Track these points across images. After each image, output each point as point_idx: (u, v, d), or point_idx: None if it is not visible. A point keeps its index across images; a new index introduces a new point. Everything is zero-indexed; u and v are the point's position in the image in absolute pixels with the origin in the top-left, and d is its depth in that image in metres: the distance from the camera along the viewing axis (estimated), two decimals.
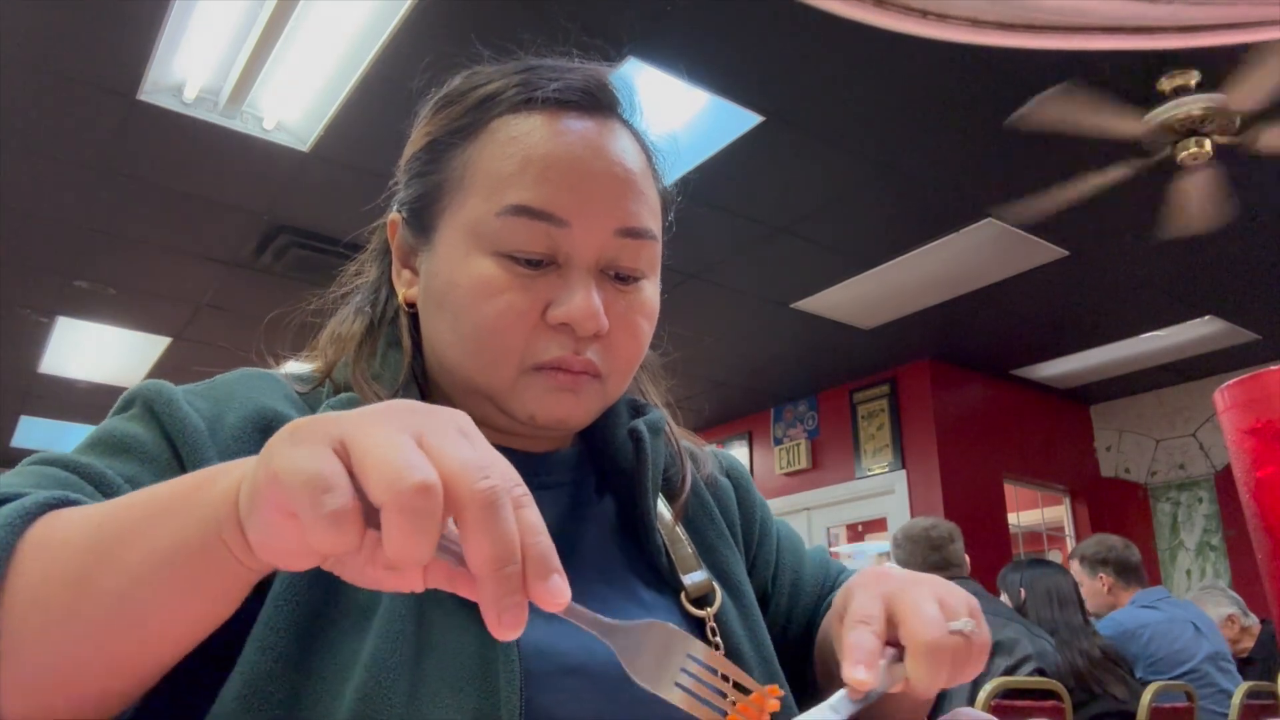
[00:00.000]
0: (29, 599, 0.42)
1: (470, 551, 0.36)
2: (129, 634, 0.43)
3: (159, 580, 0.41)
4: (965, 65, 2.96)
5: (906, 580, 0.56)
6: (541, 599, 0.37)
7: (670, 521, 0.72)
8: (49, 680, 0.43)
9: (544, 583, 0.37)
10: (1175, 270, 4.42)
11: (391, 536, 0.35)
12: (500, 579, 0.36)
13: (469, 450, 0.38)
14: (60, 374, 5.61)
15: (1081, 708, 2.70)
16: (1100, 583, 3.43)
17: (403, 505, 0.34)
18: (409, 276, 0.70)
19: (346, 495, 0.35)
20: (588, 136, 0.65)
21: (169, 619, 0.43)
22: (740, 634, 0.69)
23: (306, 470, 0.35)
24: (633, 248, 0.65)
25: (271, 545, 0.38)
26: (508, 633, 0.36)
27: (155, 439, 0.58)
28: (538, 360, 0.62)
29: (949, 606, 0.54)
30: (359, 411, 0.39)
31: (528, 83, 0.66)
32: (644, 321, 0.67)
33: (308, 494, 0.35)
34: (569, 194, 0.62)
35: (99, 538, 0.43)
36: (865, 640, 0.52)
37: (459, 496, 0.36)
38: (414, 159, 0.70)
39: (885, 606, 0.54)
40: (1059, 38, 0.44)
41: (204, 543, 0.40)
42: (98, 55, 2.87)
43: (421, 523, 0.35)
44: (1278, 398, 0.61)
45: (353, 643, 0.54)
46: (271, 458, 0.37)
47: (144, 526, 0.42)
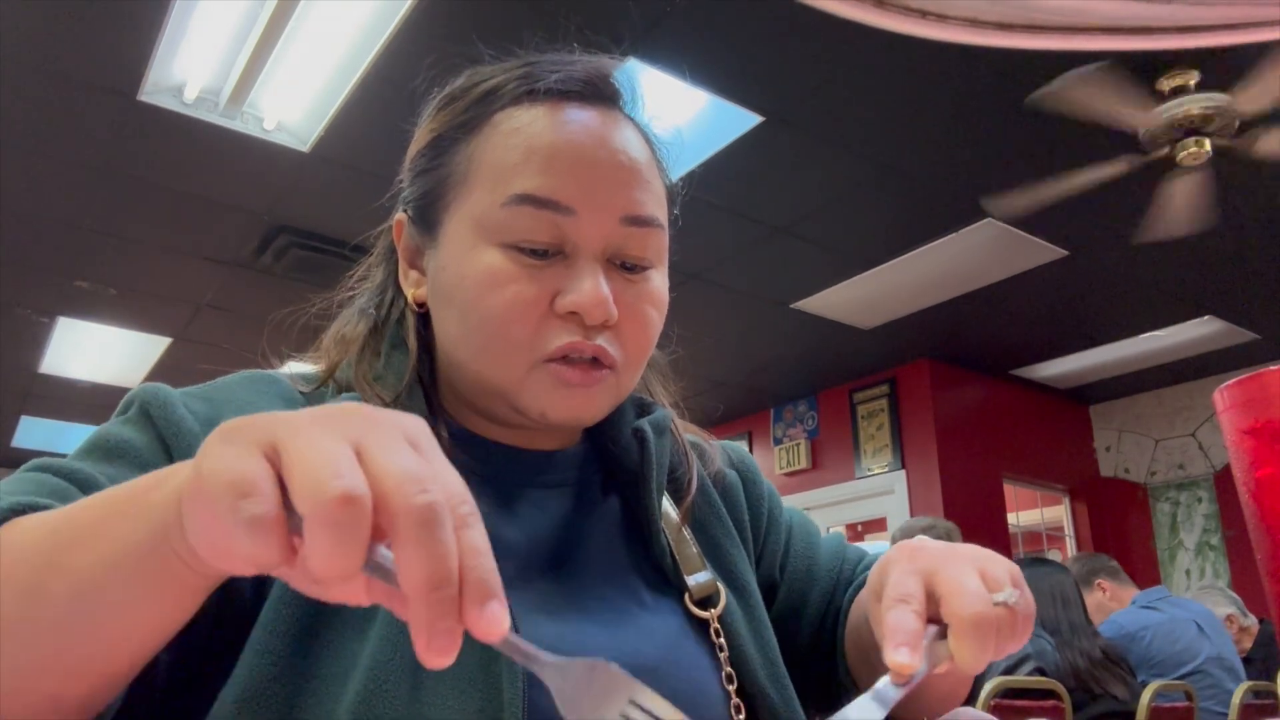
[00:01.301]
0: None
1: (402, 570, 0.33)
2: (82, 640, 0.41)
3: (108, 585, 0.40)
4: (965, 65, 2.97)
5: (944, 553, 0.53)
6: (476, 628, 0.34)
7: (676, 522, 0.71)
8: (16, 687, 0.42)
9: (479, 609, 0.34)
10: (1175, 270, 4.42)
11: (312, 549, 0.33)
12: (432, 602, 0.33)
13: (411, 460, 0.35)
14: (60, 374, 5.61)
15: (1081, 708, 2.70)
16: (1100, 590, 3.46)
17: (324, 517, 0.32)
18: (416, 277, 0.70)
19: (269, 502, 0.33)
20: (591, 126, 0.65)
21: (122, 624, 0.42)
22: (745, 635, 0.68)
23: (230, 473, 0.34)
24: (639, 236, 0.65)
25: (208, 549, 0.36)
26: (436, 660, 0.33)
27: (149, 442, 0.58)
28: (547, 350, 0.62)
29: (991, 577, 0.51)
30: (303, 413, 0.37)
31: (529, 75, 0.66)
32: (653, 311, 0.66)
33: (227, 498, 0.33)
34: (574, 182, 0.62)
35: (53, 543, 0.42)
36: (906, 620, 0.49)
37: (392, 510, 0.33)
38: (418, 157, 0.70)
39: (924, 582, 0.51)
40: (1059, 38, 0.44)
41: (151, 547, 0.39)
42: (98, 55, 2.87)
43: (344, 535, 0.32)
44: (1277, 398, 0.61)
45: (353, 644, 0.54)
46: (202, 458, 0.35)
47: (95, 531, 0.41)
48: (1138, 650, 3.11)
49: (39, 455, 2.10)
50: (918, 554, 0.53)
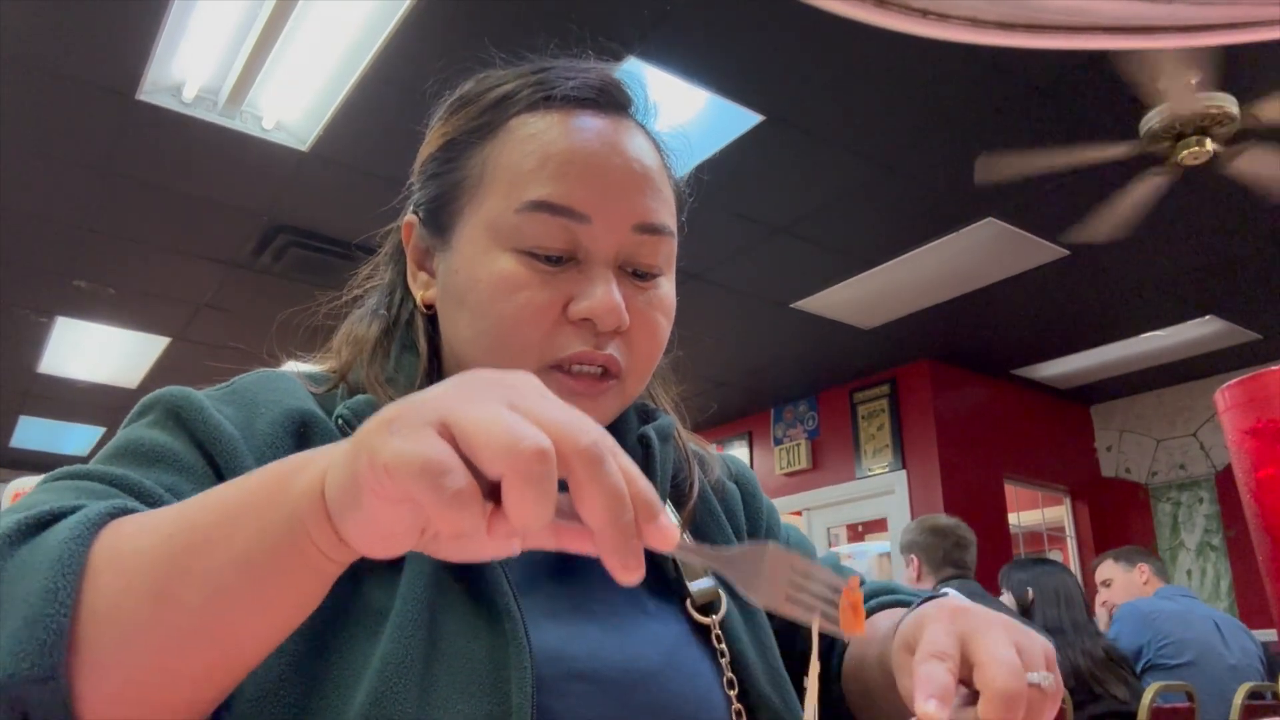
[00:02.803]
0: (107, 613, 0.42)
1: (586, 506, 0.37)
2: (214, 643, 0.42)
3: (241, 587, 0.41)
4: (966, 65, 2.96)
5: (983, 619, 0.53)
6: (653, 540, 0.38)
7: (678, 528, 0.71)
8: (134, 693, 0.42)
9: (654, 524, 0.38)
10: (1175, 270, 4.42)
11: (515, 504, 0.35)
12: (618, 528, 0.37)
13: (561, 410, 0.38)
14: (60, 374, 5.61)
15: (1082, 707, 2.70)
16: (1139, 573, 3.53)
17: (523, 472, 0.35)
18: (426, 279, 0.70)
19: (464, 475, 0.36)
20: (604, 134, 0.65)
21: (253, 623, 0.43)
22: (746, 641, 0.68)
23: (419, 457, 0.35)
24: (651, 244, 0.65)
25: (376, 535, 0.38)
26: (631, 576, 0.38)
27: (186, 448, 0.57)
28: (558, 356, 0.62)
29: (1027, 652, 0.51)
30: (443, 390, 0.39)
31: (544, 82, 0.67)
32: (662, 318, 0.67)
33: (427, 480, 0.35)
34: (588, 190, 0.63)
35: (172, 548, 0.42)
36: (940, 675, 0.49)
37: (567, 454, 0.37)
38: (430, 160, 0.70)
39: (961, 644, 0.51)
40: (1059, 38, 0.44)
41: (288, 544, 0.40)
42: (97, 55, 2.87)
43: (543, 486, 0.35)
44: (1278, 398, 0.61)
45: (365, 646, 0.54)
46: (375, 451, 0.36)
47: (219, 533, 0.42)
48: (1149, 631, 3.12)
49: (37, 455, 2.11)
50: (958, 616, 0.53)
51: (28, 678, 0.39)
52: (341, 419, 0.63)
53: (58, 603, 0.40)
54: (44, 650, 0.40)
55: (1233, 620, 3.32)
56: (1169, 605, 3.22)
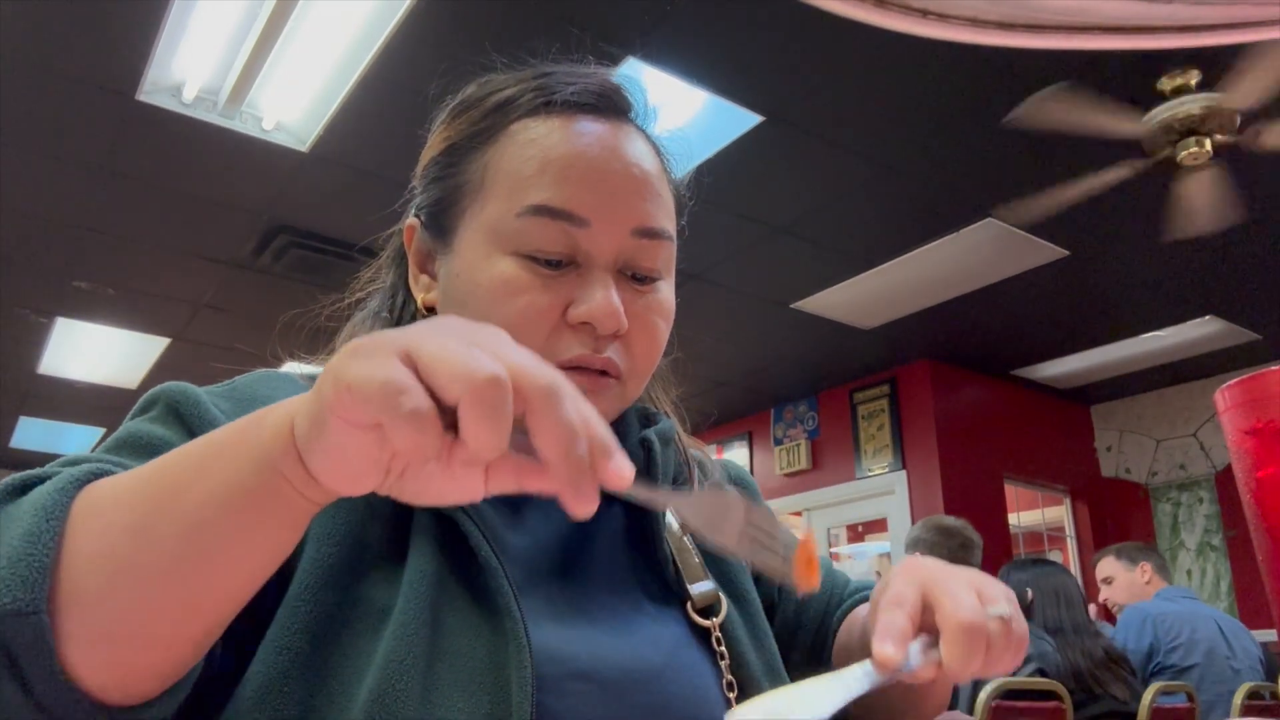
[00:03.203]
0: (90, 555, 0.43)
1: (541, 438, 0.38)
2: (193, 578, 0.44)
3: (218, 522, 0.42)
4: (965, 65, 2.96)
5: (944, 569, 0.56)
6: (607, 478, 0.40)
7: (677, 531, 0.72)
8: (118, 631, 0.44)
9: (609, 462, 0.40)
10: (1175, 270, 4.42)
11: (470, 427, 0.37)
12: (572, 460, 0.38)
13: (524, 355, 0.40)
14: (59, 374, 5.61)
15: (1082, 708, 2.70)
16: (1141, 572, 3.50)
17: (477, 397, 0.36)
18: (427, 281, 0.70)
19: (422, 395, 0.37)
20: (604, 139, 0.66)
21: (231, 560, 0.44)
22: (746, 643, 0.69)
23: (380, 377, 0.37)
24: (650, 248, 0.66)
25: (338, 465, 0.39)
26: (584, 509, 0.39)
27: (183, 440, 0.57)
28: (558, 359, 0.63)
29: (986, 593, 0.54)
30: (411, 327, 0.40)
31: (544, 87, 0.67)
32: (662, 322, 0.67)
33: (385, 398, 0.36)
34: (588, 194, 0.63)
35: (150, 492, 0.44)
36: (896, 619, 0.52)
37: (524, 389, 0.38)
38: (432, 164, 0.70)
39: (921, 592, 0.54)
40: (1059, 37, 0.44)
41: (259, 480, 0.42)
42: (97, 55, 2.87)
43: (498, 411, 0.37)
44: (1278, 398, 0.61)
45: (368, 644, 0.55)
46: (340, 374, 0.38)
47: (196, 474, 0.43)
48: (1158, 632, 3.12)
49: (38, 455, 2.12)
50: (918, 568, 0.56)
51: (9, 610, 0.41)
52: None
53: (40, 543, 0.42)
54: (26, 585, 0.41)
55: (1234, 621, 3.31)
56: (1173, 607, 3.21)
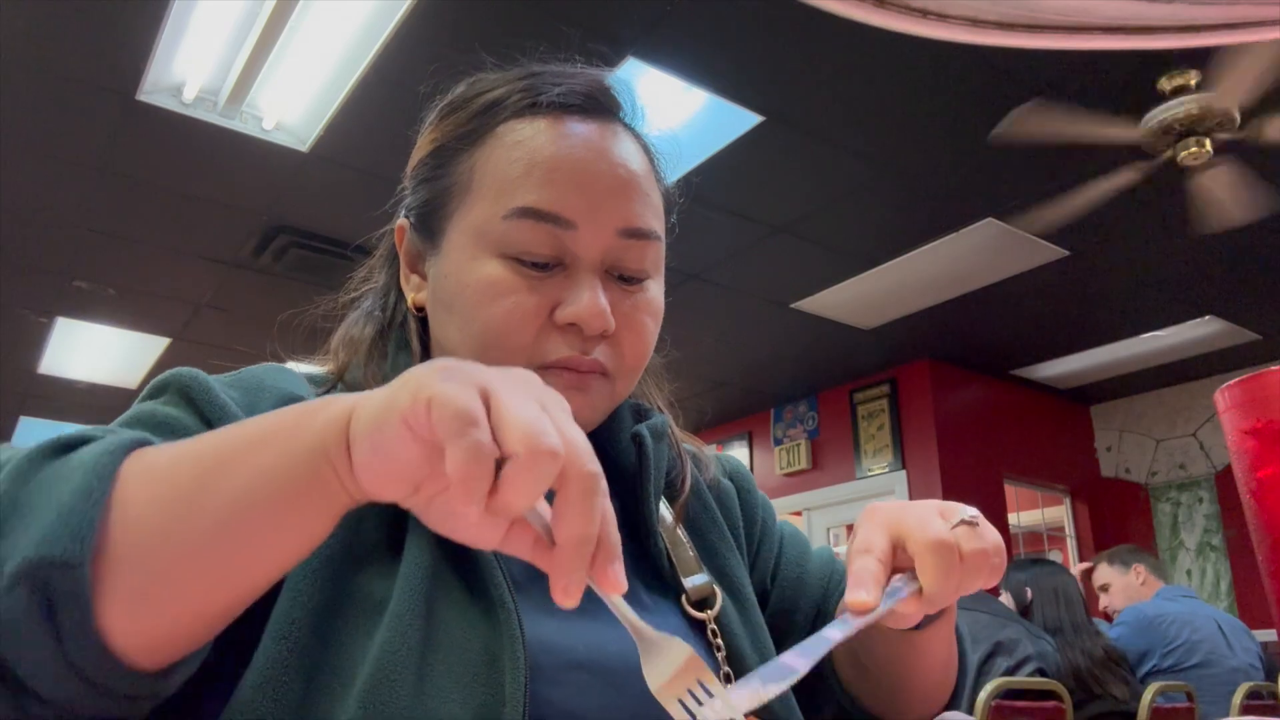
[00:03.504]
0: (135, 517, 0.44)
1: (561, 522, 0.40)
2: (231, 551, 0.45)
3: (261, 501, 0.44)
4: (965, 65, 2.96)
5: (903, 505, 0.58)
6: (604, 581, 0.41)
7: (671, 524, 0.73)
8: (152, 594, 0.45)
9: (610, 566, 0.41)
10: (1175, 270, 4.42)
11: (512, 482, 0.38)
12: (577, 554, 0.40)
13: (580, 434, 0.41)
14: (60, 374, 5.61)
15: (1081, 707, 2.70)
16: (1135, 574, 3.49)
17: (532, 460, 0.38)
18: (417, 281, 0.71)
19: (489, 434, 0.38)
20: (591, 140, 0.66)
21: (268, 538, 0.45)
22: (741, 635, 0.69)
23: (460, 403, 0.38)
24: (637, 248, 0.66)
25: (381, 466, 0.41)
26: (569, 600, 0.40)
27: (196, 424, 0.59)
28: (545, 360, 0.63)
29: (948, 512, 0.56)
30: (492, 370, 0.42)
31: (531, 88, 0.68)
32: (650, 320, 0.68)
33: (458, 423, 0.38)
34: (574, 196, 0.63)
35: (199, 464, 0.46)
36: (867, 564, 0.54)
37: (569, 471, 0.39)
38: (420, 165, 0.71)
39: (887, 533, 0.55)
40: (1059, 38, 0.44)
41: (309, 465, 0.43)
42: (97, 55, 2.87)
43: (542, 478, 0.38)
44: (1278, 398, 0.61)
45: (363, 636, 0.55)
46: (424, 385, 0.39)
47: (245, 454, 0.45)
48: (1154, 635, 3.11)
49: None
50: (878, 511, 0.58)
51: (55, 561, 0.42)
52: None
53: (90, 501, 0.43)
54: (74, 538, 0.42)
55: (1234, 621, 3.31)
56: (1173, 607, 3.20)
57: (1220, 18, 0.44)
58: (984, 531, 0.55)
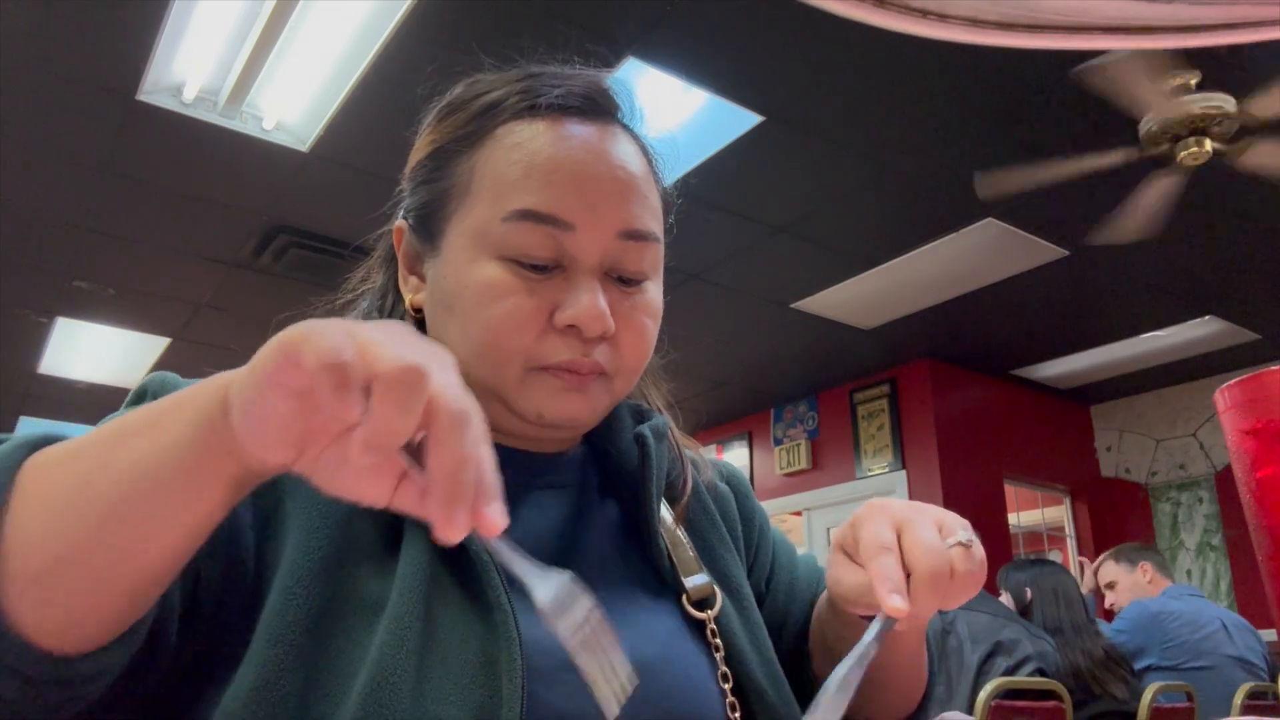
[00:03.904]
0: (35, 504, 0.46)
1: (434, 456, 0.39)
2: (126, 525, 0.45)
3: (150, 476, 0.45)
4: (965, 65, 2.96)
5: (910, 508, 0.60)
6: (480, 521, 0.40)
7: (671, 524, 0.73)
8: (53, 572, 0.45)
9: (487, 506, 0.40)
10: (1175, 270, 4.42)
11: (378, 405, 0.38)
12: (455, 484, 0.39)
13: (456, 382, 0.41)
14: (59, 374, 5.61)
15: (1081, 707, 2.70)
16: (1141, 572, 3.48)
17: (396, 378, 0.38)
18: (416, 283, 0.71)
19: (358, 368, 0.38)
20: (590, 142, 0.66)
21: (161, 514, 0.46)
22: (741, 635, 0.69)
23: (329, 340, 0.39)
24: (636, 250, 0.66)
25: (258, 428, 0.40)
26: (452, 535, 0.40)
27: None
28: (545, 363, 0.63)
29: (946, 527, 0.58)
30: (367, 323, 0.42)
31: (530, 90, 0.67)
32: (649, 322, 0.68)
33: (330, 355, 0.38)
34: (573, 198, 0.63)
35: (94, 450, 0.47)
36: (894, 569, 0.55)
37: (437, 406, 0.39)
38: (419, 167, 0.71)
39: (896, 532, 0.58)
40: (1059, 38, 0.44)
41: (196, 436, 0.44)
42: (97, 55, 2.87)
43: (408, 397, 0.38)
44: (1278, 398, 0.61)
45: (362, 638, 0.55)
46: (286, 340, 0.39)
47: (137, 433, 0.46)
48: (1155, 631, 3.10)
49: None
50: (888, 509, 0.60)
51: None
52: None
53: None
54: None
55: (1239, 620, 3.30)
56: (1178, 605, 3.20)
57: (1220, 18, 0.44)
58: (975, 553, 0.57)
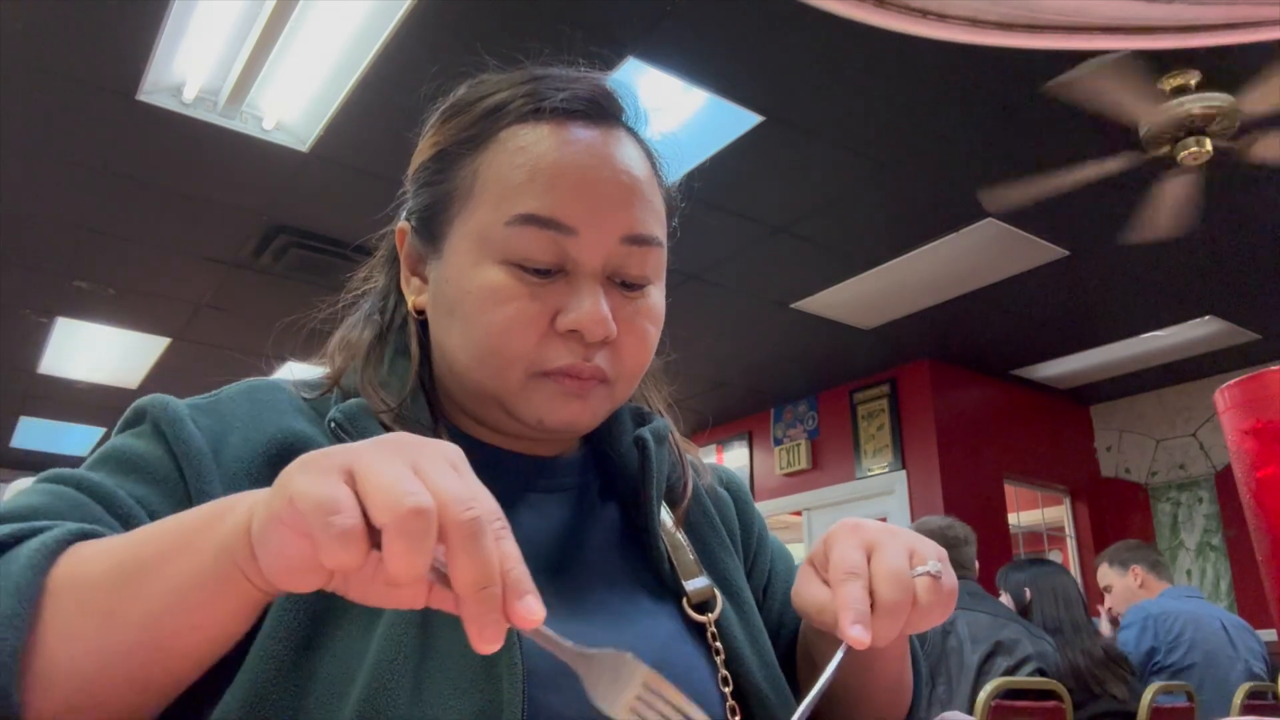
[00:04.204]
0: (61, 633, 0.46)
1: (455, 573, 0.40)
2: (153, 657, 0.46)
3: (179, 608, 0.45)
4: (965, 65, 2.96)
5: (883, 531, 0.59)
6: (515, 617, 0.41)
7: (672, 527, 0.73)
8: (78, 702, 0.46)
9: (519, 602, 0.41)
10: (1175, 270, 4.42)
11: (391, 554, 0.39)
12: (480, 599, 0.40)
13: (457, 482, 0.41)
14: (59, 374, 5.61)
15: (1081, 707, 2.70)
16: (1133, 576, 3.45)
17: (401, 527, 0.38)
18: (418, 284, 0.71)
19: (354, 517, 0.39)
20: (594, 146, 0.65)
21: (189, 641, 0.46)
22: (741, 639, 0.69)
23: (318, 494, 0.39)
24: (639, 255, 0.66)
25: (281, 566, 0.41)
26: (486, 646, 0.40)
27: (161, 458, 0.60)
28: (546, 367, 0.63)
29: (919, 555, 0.58)
30: (361, 444, 0.43)
31: (535, 93, 0.67)
32: (651, 327, 0.67)
33: (319, 515, 0.39)
34: (576, 202, 0.63)
35: (122, 573, 0.46)
36: (859, 596, 0.55)
37: (446, 524, 0.40)
38: (422, 168, 0.70)
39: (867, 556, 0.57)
40: (1059, 38, 0.44)
41: (219, 571, 0.44)
42: (98, 55, 2.87)
43: (416, 542, 0.38)
44: (1278, 398, 0.61)
45: (359, 644, 0.55)
46: (288, 484, 0.40)
47: (163, 561, 0.46)
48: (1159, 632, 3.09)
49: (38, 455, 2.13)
50: (860, 530, 0.60)
51: None
52: (334, 423, 0.64)
53: (14, 627, 0.44)
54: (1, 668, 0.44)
55: (1239, 621, 3.29)
56: (1178, 606, 3.19)
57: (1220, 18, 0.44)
58: (944, 584, 0.57)
